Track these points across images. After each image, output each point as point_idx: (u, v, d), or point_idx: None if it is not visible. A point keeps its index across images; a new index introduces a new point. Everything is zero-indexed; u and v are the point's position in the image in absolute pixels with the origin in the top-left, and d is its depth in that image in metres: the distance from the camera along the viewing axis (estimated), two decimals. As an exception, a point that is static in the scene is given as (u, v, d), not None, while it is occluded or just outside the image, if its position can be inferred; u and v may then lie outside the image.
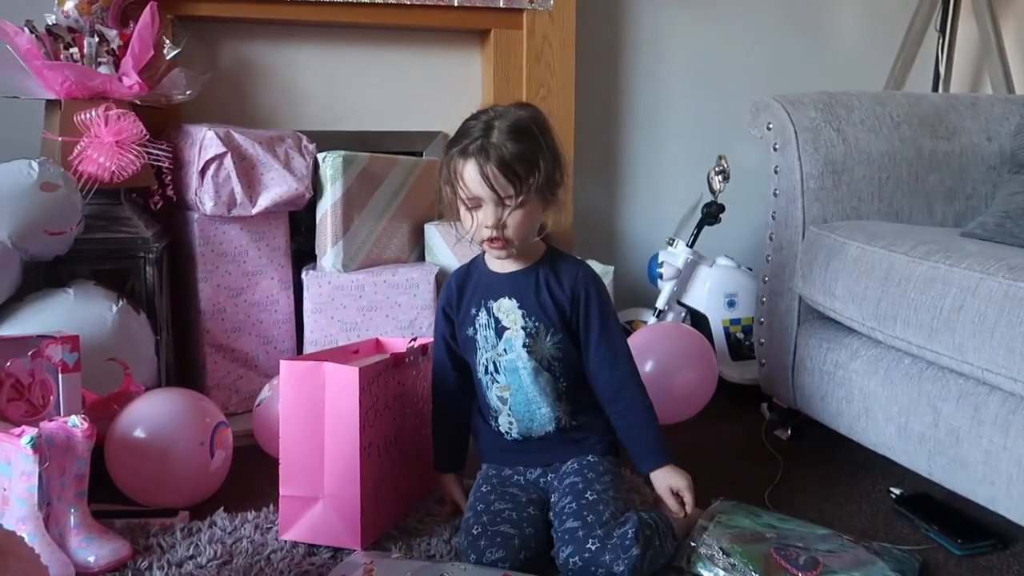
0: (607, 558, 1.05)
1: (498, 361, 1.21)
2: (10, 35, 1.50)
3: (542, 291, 1.19)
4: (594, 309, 1.19)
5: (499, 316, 1.20)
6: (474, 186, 1.12)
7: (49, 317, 1.40)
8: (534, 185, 1.12)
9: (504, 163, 1.10)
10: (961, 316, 1.20)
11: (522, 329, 1.19)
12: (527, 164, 1.12)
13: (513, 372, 1.20)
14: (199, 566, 1.15)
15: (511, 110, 1.15)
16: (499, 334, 1.20)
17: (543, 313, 1.18)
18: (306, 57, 1.92)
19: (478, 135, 1.12)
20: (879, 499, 1.41)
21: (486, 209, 1.13)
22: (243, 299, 1.72)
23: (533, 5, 1.94)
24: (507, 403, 1.23)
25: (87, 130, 1.51)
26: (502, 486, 1.22)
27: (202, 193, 1.63)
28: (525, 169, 1.12)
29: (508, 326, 1.19)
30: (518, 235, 1.15)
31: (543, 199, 1.15)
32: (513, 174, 1.11)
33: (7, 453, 1.11)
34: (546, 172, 1.13)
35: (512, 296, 1.20)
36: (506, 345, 1.20)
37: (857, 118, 1.62)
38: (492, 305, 1.20)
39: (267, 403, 1.48)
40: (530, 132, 1.13)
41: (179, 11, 1.72)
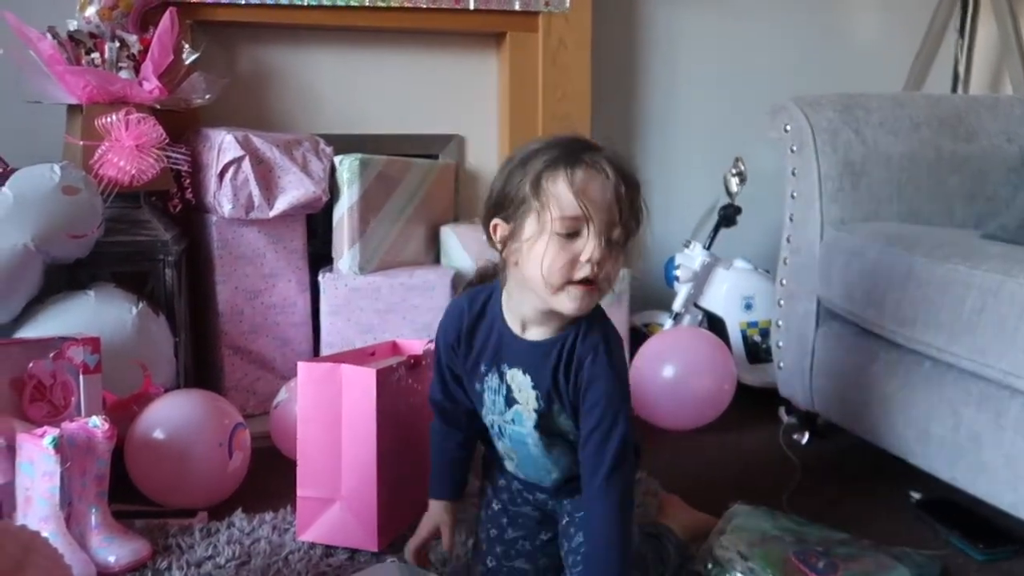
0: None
1: (504, 427, 1.05)
2: (33, 41, 1.52)
3: (560, 372, 0.98)
4: (594, 401, 0.97)
5: (511, 385, 1.01)
6: (599, 200, 0.90)
7: (70, 319, 1.41)
8: (634, 231, 0.94)
9: (630, 187, 0.91)
10: (982, 319, 1.18)
11: (534, 411, 1.00)
12: (639, 203, 0.94)
13: (521, 444, 1.05)
14: (217, 566, 1.16)
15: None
16: (508, 403, 1.02)
17: (558, 396, 0.99)
18: (323, 61, 1.93)
19: (590, 151, 0.92)
20: (898, 503, 1.39)
21: (591, 238, 0.90)
22: (260, 301, 1.74)
23: (549, 7, 1.94)
24: (514, 460, 1.09)
25: (108, 134, 1.53)
26: (513, 503, 1.13)
27: (220, 196, 1.65)
28: (638, 207, 0.93)
29: (519, 400, 1.01)
30: (610, 284, 0.93)
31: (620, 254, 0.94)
32: (633, 204, 0.92)
33: (30, 453, 1.13)
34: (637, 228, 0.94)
35: (527, 371, 0.99)
36: (515, 416, 1.03)
37: (876, 119, 1.61)
38: (506, 371, 1.01)
39: (284, 405, 1.48)
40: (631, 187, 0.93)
41: (198, 16, 1.74)
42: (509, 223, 0.94)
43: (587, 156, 0.91)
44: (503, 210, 0.94)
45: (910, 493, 1.40)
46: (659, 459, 1.51)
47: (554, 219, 0.89)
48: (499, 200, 0.95)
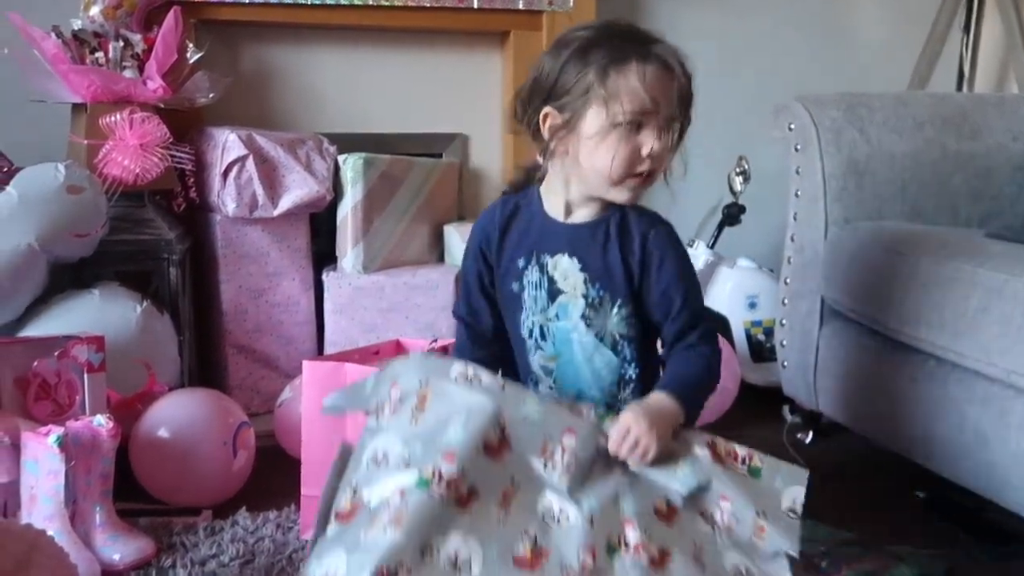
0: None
1: (547, 327, 0.97)
2: (37, 40, 1.53)
3: (611, 250, 0.94)
4: (668, 271, 0.94)
5: (554, 276, 0.96)
6: (659, 93, 0.90)
7: (75, 318, 1.41)
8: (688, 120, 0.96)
9: (686, 77, 0.93)
10: (987, 318, 1.18)
11: (583, 297, 0.94)
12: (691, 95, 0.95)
13: (565, 343, 0.97)
14: (222, 565, 1.16)
15: None
16: (552, 297, 0.96)
17: (609, 279, 0.94)
18: (327, 60, 1.93)
19: (650, 42, 0.92)
20: (903, 503, 1.39)
21: (653, 130, 0.91)
22: (264, 300, 1.74)
23: (552, 7, 1.94)
24: (551, 374, 0.99)
25: (112, 133, 1.53)
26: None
27: (224, 195, 1.65)
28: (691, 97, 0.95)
29: (564, 290, 0.96)
30: (665, 174, 0.96)
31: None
32: (688, 95, 0.94)
33: (34, 452, 1.13)
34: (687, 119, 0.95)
35: (573, 254, 0.95)
36: (559, 310, 0.96)
37: (880, 118, 1.60)
38: (547, 262, 0.96)
39: (288, 404, 1.49)
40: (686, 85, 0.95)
41: (202, 15, 1.74)
42: (563, 113, 0.92)
43: (656, 49, 0.91)
44: (556, 99, 0.92)
45: (916, 492, 1.40)
46: (663, 458, 1.51)
47: (624, 111, 0.89)
48: (552, 89, 0.92)
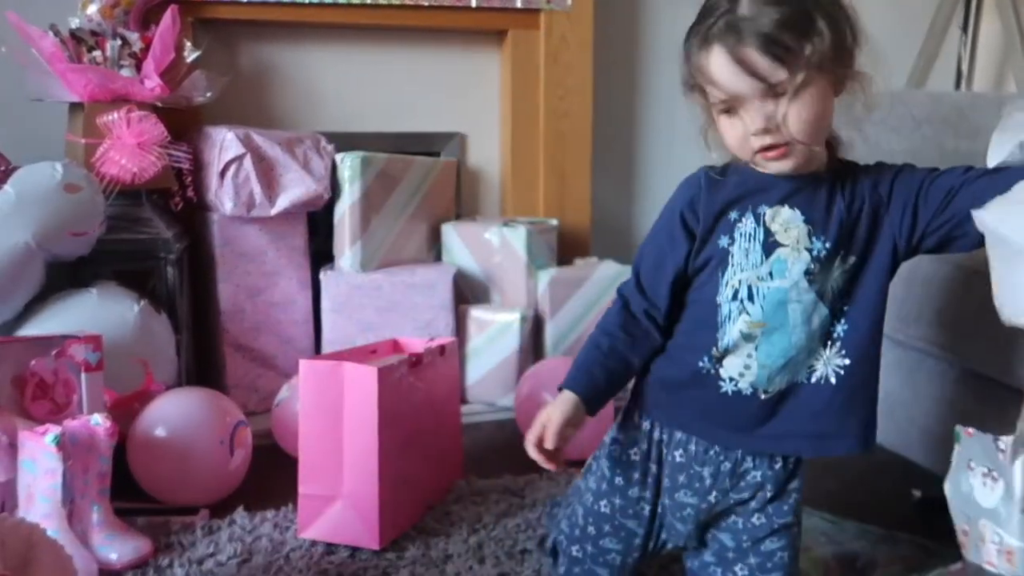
0: None
1: (758, 287, 0.85)
2: (35, 39, 1.52)
3: (837, 201, 0.85)
4: (909, 180, 0.86)
5: (772, 228, 0.85)
6: (727, 81, 0.80)
7: (72, 317, 1.41)
8: (815, 58, 0.79)
9: (765, 38, 0.78)
10: (985, 318, 1.18)
11: (807, 251, 0.84)
12: (799, 30, 0.78)
13: (779, 305, 0.85)
14: (219, 564, 1.16)
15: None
16: (768, 251, 0.85)
17: (838, 230, 0.84)
18: (325, 59, 1.93)
19: (723, 8, 0.81)
20: (900, 501, 1.39)
21: (750, 109, 0.81)
22: (262, 299, 1.74)
23: (551, 5, 1.94)
24: (753, 341, 0.86)
25: (109, 132, 1.53)
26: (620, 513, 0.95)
27: (222, 194, 1.65)
28: (796, 37, 0.78)
29: (784, 243, 0.85)
30: (807, 133, 0.82)
31: (833, 76, 0.82)
32: (782, 48, 0.78)
33: (32, 451, 1.13)
34: (832, 36, 0.79)
35: (795, 206, 0.85)
36: (776, 267, 0.85)
37: (878, 117, 1.60)
38: (765, 212, 0.85)
39: (286, 403, 1.49)
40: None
41: (199, 14, 1.74)
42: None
43: (717, 26, 0.80)
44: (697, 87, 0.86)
45: (912, 490, 1.40)
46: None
47: (713, 97, 0.84)
48: (689, 78, 0.86)
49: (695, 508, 0.89)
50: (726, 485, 0.87)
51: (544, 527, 1.25)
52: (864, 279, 0.86)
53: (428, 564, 1.17)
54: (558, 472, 0.98)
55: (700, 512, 0.89)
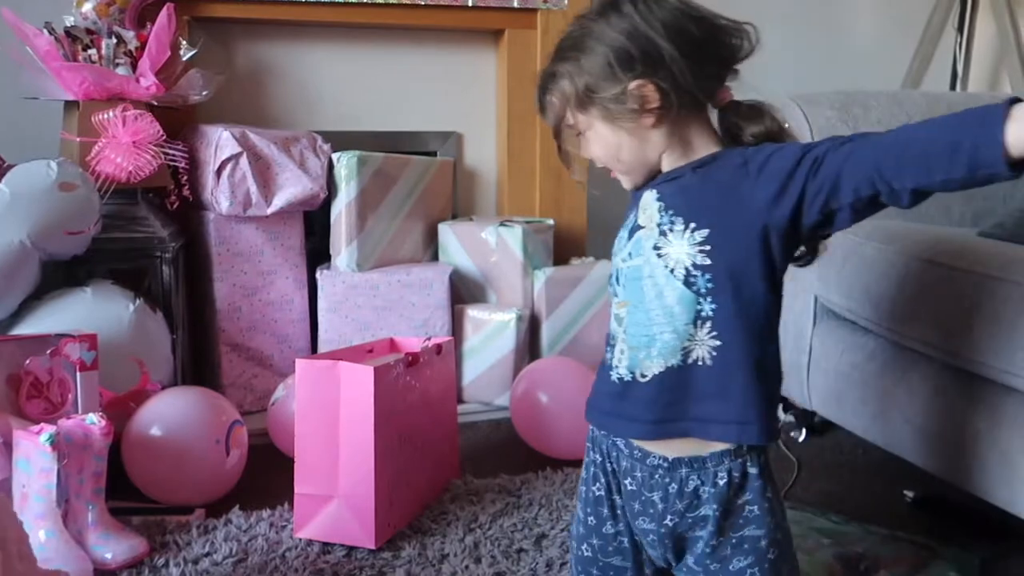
0: None
1: (622, 273, 0.87)
2: (30, 37, 1.52)
3: (692, 176, 0.84)
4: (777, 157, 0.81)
5: (639, 214, 0.87)
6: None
7: (67, 316, 1.41)
8: (562, 107, 0.85)
9: (538, 93, 0.87)
10: (979, 317, 1.18)
11: (656, 226, 0.84)
12: (547, 87, 0.86)
13: (635, 281, 0.85)
14: (215, 563, 1.16)
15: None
16: (631, 235, 0.87)
17: (683, 202, 0.83)
18: (321, 57, 1.93)
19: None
20: (896, 501, 1.40)
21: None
22: (258, 298, 1.73)
23: (547, 4, 1.94)
24: (623, 323, 0.87)
25: (105, 130, 1.53)
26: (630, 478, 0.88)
27: (218, 193, 1.65)
28: (547, 93, 0.86)
29: (643, 224, 0.85)
30: (614, 161, 0.87)
31: (607, 118, 0.84)
32: (545, 102, 0.87)
33: (26, 450, 1.13)
34: (576, 82, 0.83)
35: (656, 187, 0.86)
36: (634, 247, 0.86)
37: (874, 117, 1.61)
38: (641, 198, 0.87)
39: (282, 402, 1.48)
40: (576, 37, 0.84)
41: (195, 12, 1.73)
42: None
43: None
44: None
45: (904, 492, 1.41)
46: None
47: None
48: None
49: (656, 533, 0.87)
50: (679, 507, 0.84)
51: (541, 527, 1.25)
52: (726, 255, 0.81)
53: (424, 563, 1.17)
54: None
55: (663, 536, 0.86)
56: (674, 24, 0.82)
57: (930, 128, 0.74)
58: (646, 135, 0.84)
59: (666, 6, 0.83)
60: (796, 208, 0.79)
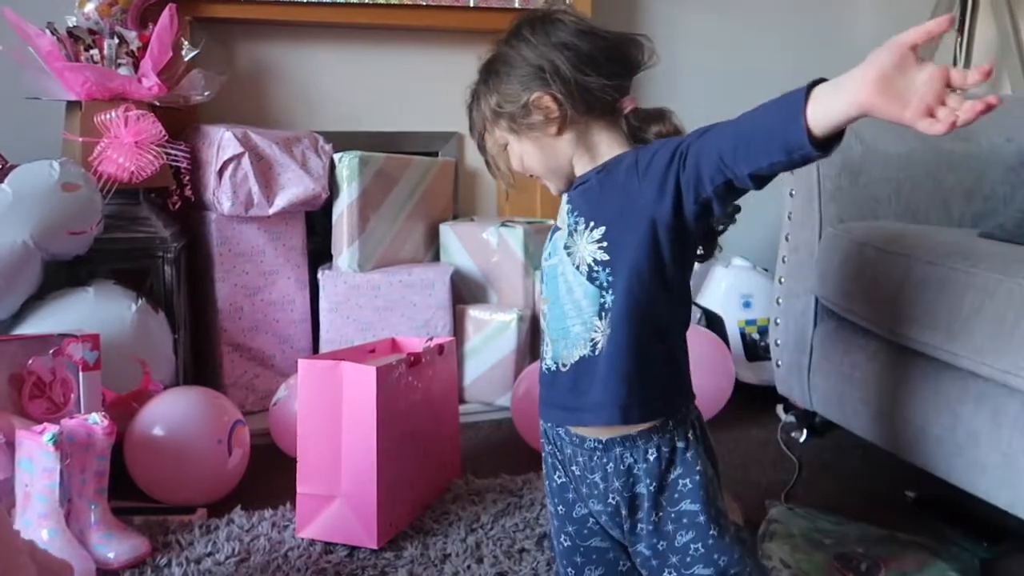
0: None
1: (544, 268, 0.96)
2: (32, 37, 1.52)
3: (595, 179, 0.91)
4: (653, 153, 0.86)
5: (557, 221, 0.96)
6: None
7: (70, 316, 1.41)
8: (482, 124, 0.97)
9: (468, 109, 1.01)
10: (980, 318, 1.19)
11: (566, 227, 0.92)
12: (471, 106, 0.99)
13: (552, 279, 0.93)
14: (217, 563, 1.16)
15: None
16: (551, 236, 0.96)
17: (585, 203, 0.90)
18: (323, 58, 1.93)
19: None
20: (897, 501, 1.40)
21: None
22: (260, 298, 1.74)
23: (548, 5, 1.94)
24: (545, 318, 0.94)
25: (107, 131, 1.53)
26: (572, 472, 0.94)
27: (220, 193, 1.65)
28: (472, 112, 0.99)
29: (559, 226, 0.95)
30: (535, 171, 0.95)
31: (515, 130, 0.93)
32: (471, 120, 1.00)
33: (29, 450, 1.13)
34: (488, 105, 0.95)
35: (568, 192, 0.95)
36: (552, 248, 0.95)
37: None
38: (562, 208, 0.96)
39: (283, 402, 1.49)
40: (488, 62, 0.97)
41: (197, 13, 1.74)
42: None
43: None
44: None
45: (905, 491, 1.41)
46: (657, 457, 1.51)
47: None
48: None
49: (606, 513, 0.91)
50: (616, 484, 0.89)
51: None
52: (621, 251, 0.86)
53: (426, 563, 1.18)
54: None
55: (612, 516, 0.90)
56: (567, 42, 0.91)
57: (755, 115, 0.80)
58: (553, 143, 0.92)
59: (560, 27, 0.92)
60: (676, 202, 0.83)
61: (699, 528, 0.87)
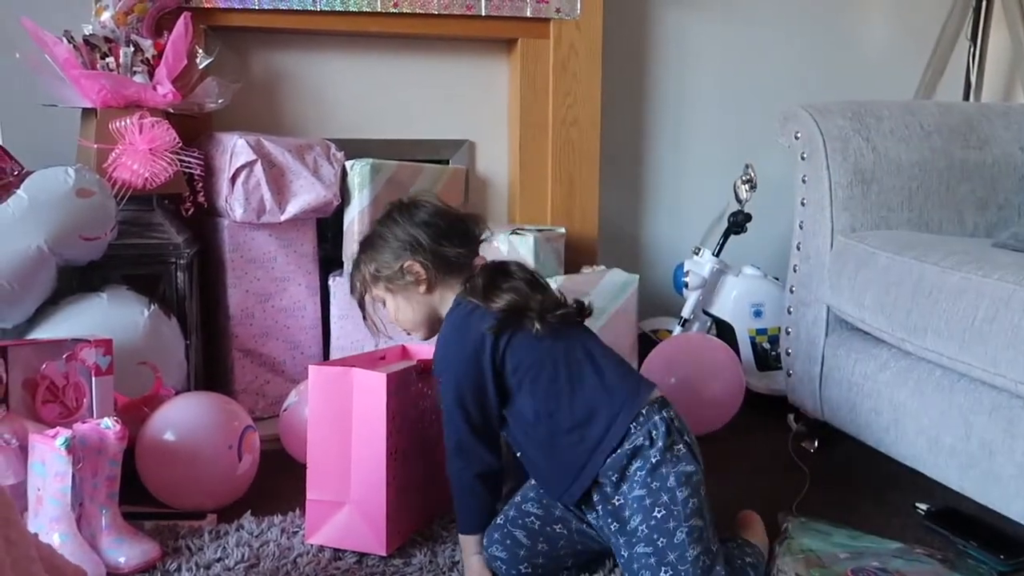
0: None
1: None
2: (49, 45, 1.54)
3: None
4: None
5: None
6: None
7: (83, 321, 1.42)
8: (363, 289, 1.22)
9: (350, 275, 1.26)
10: (994, 328, 1.18)
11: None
12: (355, 271, 1.23)
13: None
14: (227, 568, 1.16)
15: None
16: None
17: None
18: (335, 66, 1.94)
19: None
20: (909, 513, 1.39)
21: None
22: (271, 304, 1.74)
23: (560, 14, 1.95)
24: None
25: (122, 138, 1.54)
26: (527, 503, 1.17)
27: (232, 200, 1.66)
28: (356, 276, 1.23)
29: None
30: (403, 325, 1.22)
31: (391, 290, 1.19)
32: (353, 283, 1.25)
33: (42, 454, 1.13)
34: (367, 274, 1.20)
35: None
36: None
37: (887, 127, 1.60)
38: None
39: (294, 408, 1.49)
40: (367, 238, 1.23)
41: (212, 21, 1.75)
42: None
43: None
44: None
45: (915, 505, 1.39)
46: (667, 466, 1.51)
47: None
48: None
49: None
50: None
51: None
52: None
53: (435, 570, 1.17)
54: None
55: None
56: (427, 221, 1.17)
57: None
58: (423, 299, 1.18)
59: (421, 210, 1.18)
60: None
61: (646, 511, 1.06)
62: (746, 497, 1.34)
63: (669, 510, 1.04)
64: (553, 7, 1.93)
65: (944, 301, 1.27)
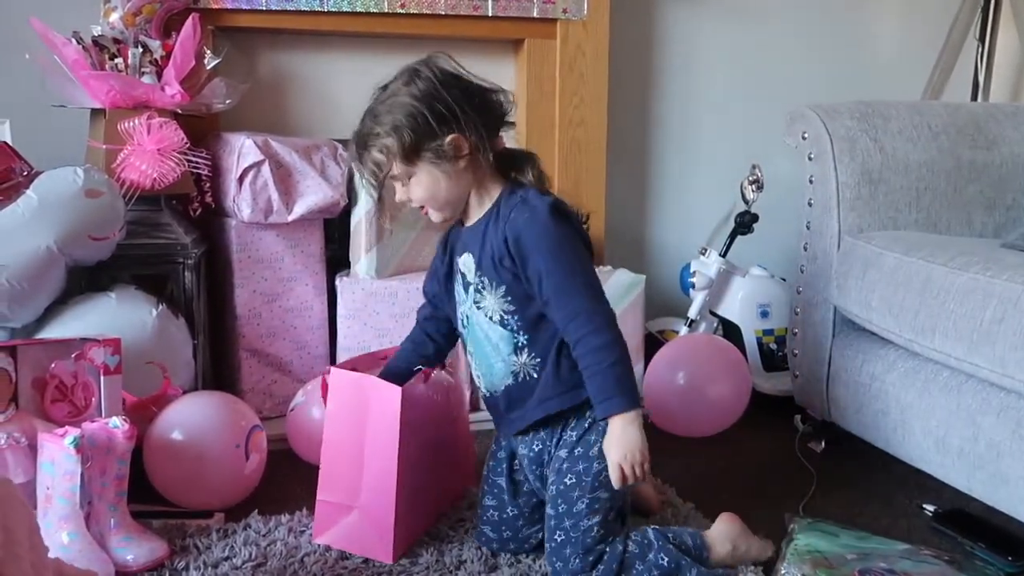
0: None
1: (467, 315, 1.17)
2: (58, 46, 1.55)
3: (487, 242, 1.11)
4: (529, 252, 1.07)
5: (464, 272, 1.16)
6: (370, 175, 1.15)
7: (92, 320, 1.43)
8: (390, 161, 1.10)
9: (361, 153, 1.13)
10: (1002, 329, 1.17)
11: (473, 285, 1.15)
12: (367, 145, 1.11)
13: (471, 326, 1.17)
14: (234, 567, 1.17)
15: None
16: (466, 289, 1.16)
17: (489, 265, 1.11)
18: (342, 67, 1.95)
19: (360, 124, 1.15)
20: (916, 514, 1.38)
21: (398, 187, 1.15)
22: (278, 305, 1.75)
23: (567, 15, 1.95)
24: (473, 356, 1.19)
25: (130, 138, 1.55)
26: (493, 474, 1.25)
27: (240, 200, 1.66)
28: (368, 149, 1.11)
29: (471, 282, 1.15)
30: (428, 201, 1.14)
31: (427, 160, 1.09)
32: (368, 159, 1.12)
33: (51, 453, 1.14)
34: (400, 138, 1.08)
35: (469, 251, 1.15)
36: (458, 294, 1.19)
37: (895, 127, 1.60)
38: (458, 261, 1.17)
39: (301, 408, 1.49)
40: (384, 103, 1.12)
41: (220, 22, 1.76)
42: None
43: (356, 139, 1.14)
44: None
45: (922, 506, 1.39)
46: (674, 466, 1.51)
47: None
48: None
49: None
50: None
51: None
52: (521, 300, 1.10)
53: (442, 571, 1.18)
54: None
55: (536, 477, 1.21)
56: (460, 87, 1.10)
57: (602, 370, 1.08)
58: (460, 177, 1.11)
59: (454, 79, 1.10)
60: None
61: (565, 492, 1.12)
62: (752, 498, 1.34)
63: (579, 479, 1.10)
64: (560, 7, 1.93)
65: (952, 302, 1.27)
